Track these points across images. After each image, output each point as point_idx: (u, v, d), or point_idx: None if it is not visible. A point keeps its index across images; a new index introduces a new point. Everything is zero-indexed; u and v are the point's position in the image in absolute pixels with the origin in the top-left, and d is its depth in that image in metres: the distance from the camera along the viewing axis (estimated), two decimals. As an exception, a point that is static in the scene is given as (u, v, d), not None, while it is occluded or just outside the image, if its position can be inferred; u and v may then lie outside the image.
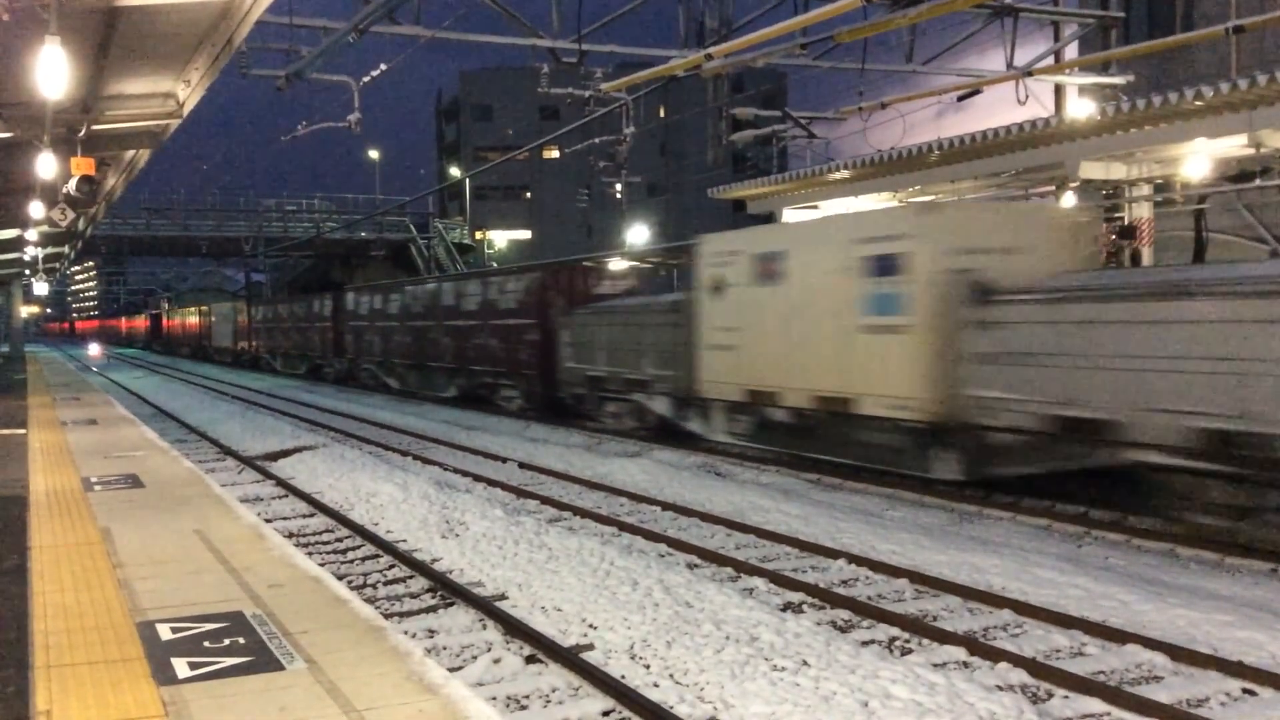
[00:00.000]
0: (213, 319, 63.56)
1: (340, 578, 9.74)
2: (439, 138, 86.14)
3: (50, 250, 36.36)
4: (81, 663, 5.35)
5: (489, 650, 7.79)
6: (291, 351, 46.60)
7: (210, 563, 7.46)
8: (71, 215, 15.50)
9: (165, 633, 5.81)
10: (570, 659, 7.33)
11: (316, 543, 11.85)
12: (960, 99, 18.46)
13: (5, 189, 18.34)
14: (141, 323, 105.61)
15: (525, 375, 24.97)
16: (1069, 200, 18.42)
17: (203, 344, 66.51)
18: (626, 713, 6.54)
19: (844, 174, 19.71)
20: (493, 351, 26.52)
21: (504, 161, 49.54)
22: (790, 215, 23.06)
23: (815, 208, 22.61)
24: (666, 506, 13.48)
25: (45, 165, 12.69)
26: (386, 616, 8.19)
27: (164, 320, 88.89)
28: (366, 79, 17.57)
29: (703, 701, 6.70)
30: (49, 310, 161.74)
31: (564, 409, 23.54)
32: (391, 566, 10.59)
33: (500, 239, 68.33)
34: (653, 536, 11.66)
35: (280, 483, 15.71)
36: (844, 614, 8.79)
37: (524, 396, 25.34)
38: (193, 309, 75.70)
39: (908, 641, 8.08)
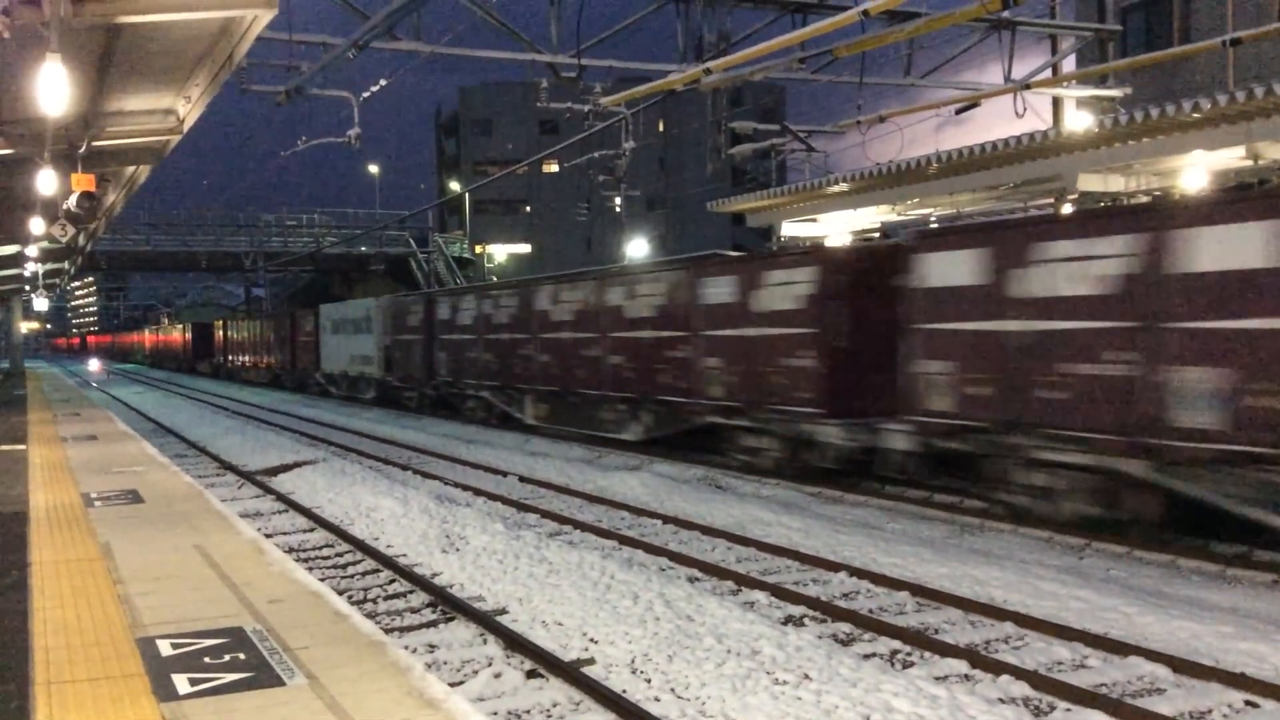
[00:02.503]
0: (325, 328, 40.37)
1: (340, 593, 9.73)
2: (438, 152, 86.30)
3: (50, 266, 36.37)
4: (82, 679, 5.34)
5: (490, 665, 7.77)
6: (602, 389, 20.90)
7: (210, 578, 7.45)
8: (72, 231, 15.54)
9: (165, 648, 5.80)
10: (571, 673, 7.32)
11: (317, 558, 11.84)
12: (959, 112, 18.52)
13: (6, 205, 18.37)
14: (176, 338, 76.98)
15: None
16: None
17: (295, 367, 45.08)
18: (628, 727, 6.52)
19: (843, 187, 19.76)
20: None
21: (503, 176, 49.61)
22: (790, 228, 23.11)
23: (814, 221, 22.66)
24: (667, 520, 13.47)
25: (46, 181, 12.71)
26: (387, 631, 8.17)
27: (219, 334, 62.38)
28: (366, 94, 17.63)
29: (704, 716, 6.68)
30: (49, 325, 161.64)
31: None
32: (392, 581, 10.57)
33: (500, 253, 68.41)
34: (654, 550, 11.65)
35: (280, 498, 15.70)
36: (845, 627, 8.78)
37: None
38: (269, 318, 51.82)
39: (909, 654, 8.06)
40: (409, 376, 31.80)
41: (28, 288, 44.18)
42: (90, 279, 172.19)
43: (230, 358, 58.33)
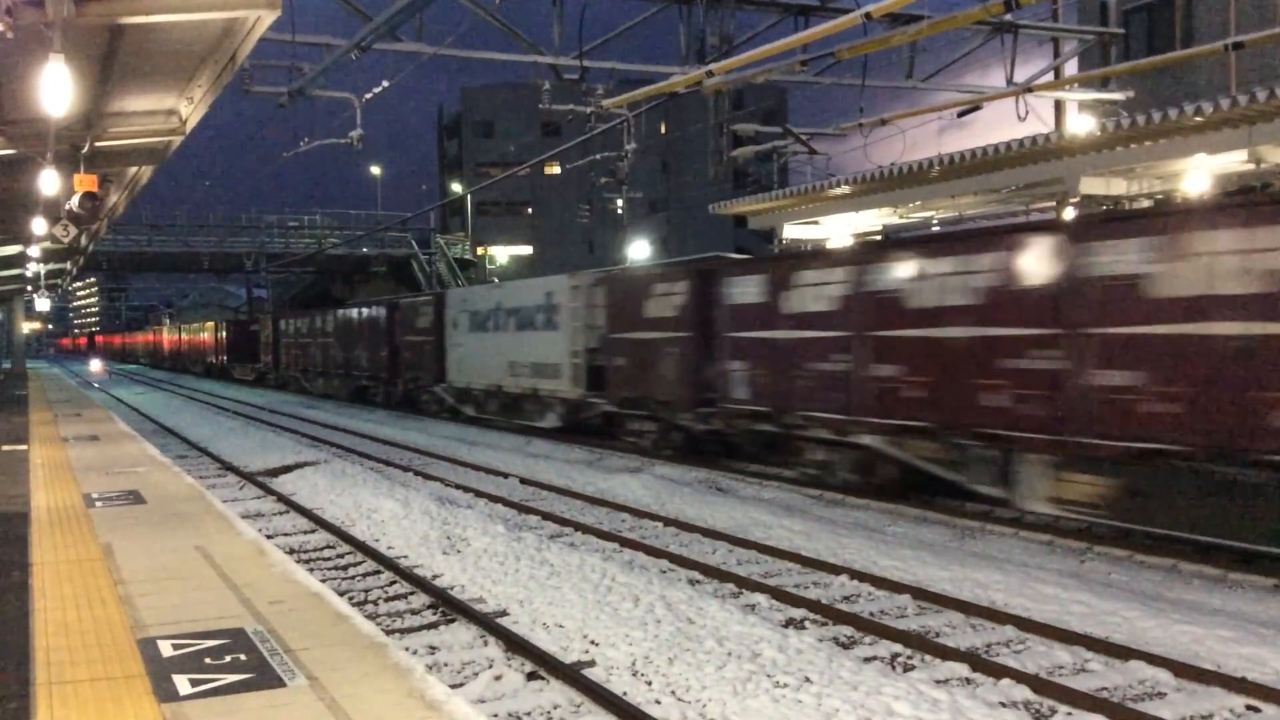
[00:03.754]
0: (456, 323, 29.06)
1: (341, 594, 9.72)
2: (441, 154, 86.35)
3: (52, 266, 36.37)
4: (83, 679, 5.34)
5: (490, 667, 7.77)
6: None
7: (211, 579, 7.45)
8: (74, 232, 15.53)
9: (166, 649, 5.80)
10: (572, 676, 7.32)
11: (318, 559, 11.83)
12: (961, 115, 18.50)
13: (8, 205, 18.38)
14: (205, 338, 63.46)
15: None
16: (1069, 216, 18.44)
17: (397, 377, 32.87)
18: (628, 730, 6.51)
19: (845, 190, 19.76)
20: None
21: (505, 178, 49.67)
22: (791, 230, 23.12)
23: (816, 223, 22.67)
24: (668, 522, 13.46)
25: (48, 182, 12.71)
26: (388, 633, 8.16)
27: (266, 333, 49.06)
28: (369, 95, 17.60)
29: (705, 718, 6.68)
30: (50, 326, 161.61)
31: None
32: (393, 583, 10.57)
33: (502, 254, 68.42)
34: (654, 552, 11.64)
35: (281, 499, 15.69)
36: (846, 630, 8.77)
37: None
38: (352, 311, 37.49)
39: (910, 658, 8.06)
40: (644, 399, 19.92)
41: (30, 288, 44.20)
42: (92, 279, 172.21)
43: (285, 361, 45.80)
